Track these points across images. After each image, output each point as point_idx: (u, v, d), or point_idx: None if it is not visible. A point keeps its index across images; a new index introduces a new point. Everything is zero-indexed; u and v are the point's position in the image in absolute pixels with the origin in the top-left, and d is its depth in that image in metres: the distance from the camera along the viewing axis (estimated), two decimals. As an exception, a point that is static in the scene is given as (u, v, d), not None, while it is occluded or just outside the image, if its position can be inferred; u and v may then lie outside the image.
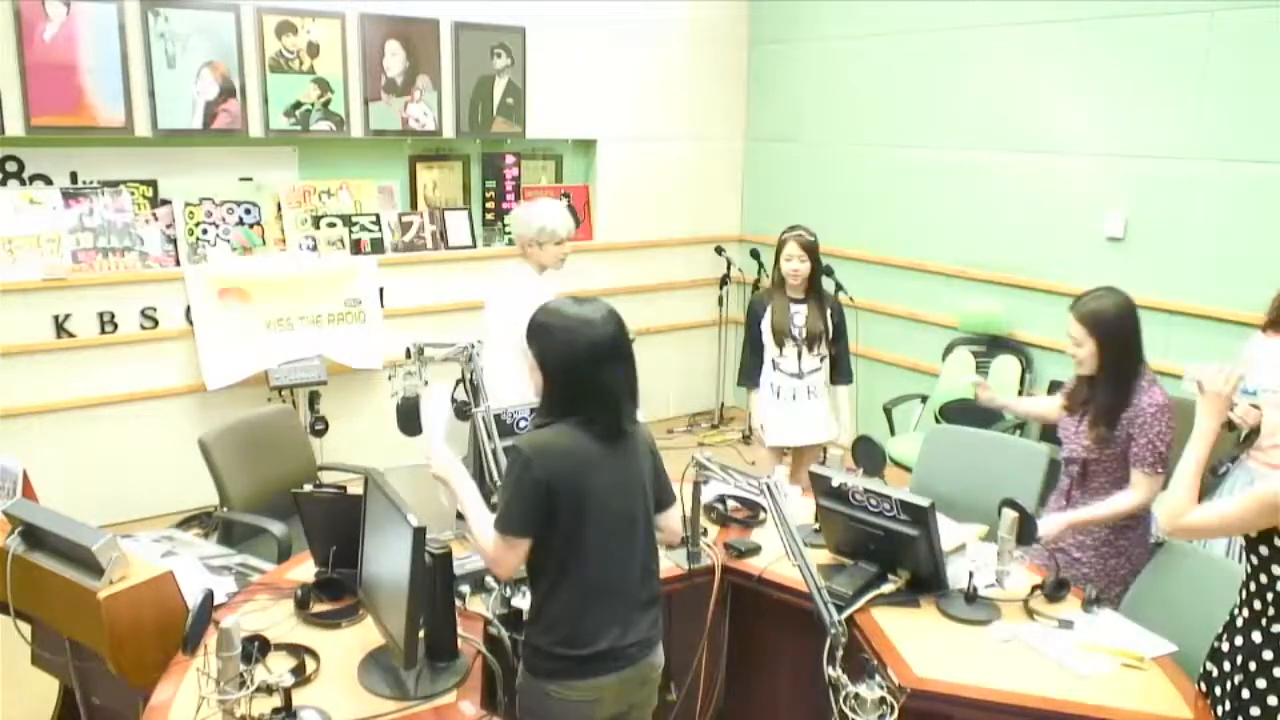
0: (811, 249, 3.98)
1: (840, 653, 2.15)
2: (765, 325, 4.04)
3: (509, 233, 5.84)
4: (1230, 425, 3.25)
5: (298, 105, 4.98)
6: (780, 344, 4.02)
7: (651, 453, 2.34)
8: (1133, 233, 4.56)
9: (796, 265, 3.96)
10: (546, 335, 2.18)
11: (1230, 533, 2.16)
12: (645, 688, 2.36)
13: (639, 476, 2.27)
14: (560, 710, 2.22)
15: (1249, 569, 2.22)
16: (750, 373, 4.16)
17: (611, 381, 2.19)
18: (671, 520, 2.43)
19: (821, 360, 4.08)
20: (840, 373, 4.14)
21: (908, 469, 4.36)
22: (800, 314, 4.02)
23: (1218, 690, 2.27)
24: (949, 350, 5.21)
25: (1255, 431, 3.28)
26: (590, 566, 2.18)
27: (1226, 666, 2.25)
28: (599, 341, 2.15)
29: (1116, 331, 2.99)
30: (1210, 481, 3.43)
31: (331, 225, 5.21)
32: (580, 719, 2.24)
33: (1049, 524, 3.00)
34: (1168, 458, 2.92)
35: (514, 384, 3.76)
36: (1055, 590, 2.69)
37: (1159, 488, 2.92)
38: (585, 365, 2.14)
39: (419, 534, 2.05)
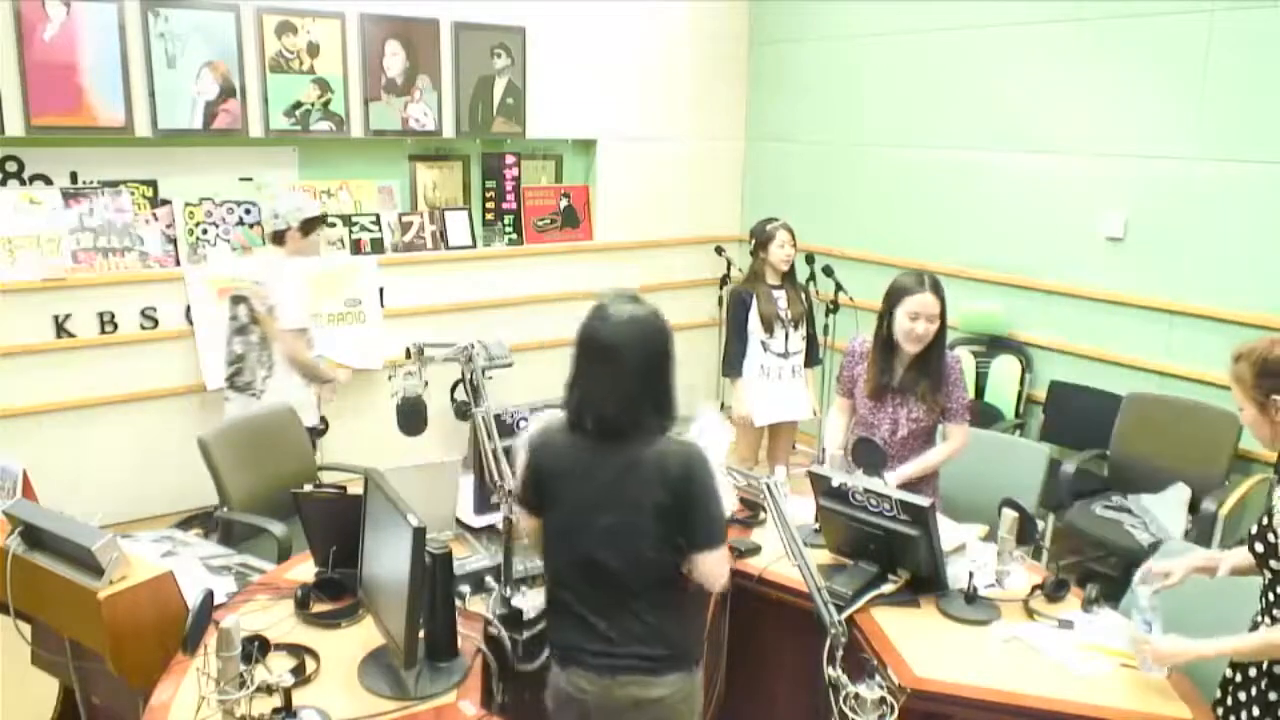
0: (794, 235, 4.45)
1: (840, 653, 2.15)
2: (753, 313, 4.39)
3: (509, 232, 5.85)
4: None
5: (298, 105, 4.98)
6: (769, 328, 4.39)
7: (677, 485, 2.14)
8: (1132, 233, 4.56)
9: (789, 251, 4.42)
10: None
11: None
12: (628, 715, 2.22)
13: (628, 496, 2.15)
14: (553, 713, 2.30)
15: (1266, 578, 2.23)
16: (735, 362, 4.50)
17: (578, 376, 2.20)
18: (700, 565, 2.18)
19: (803, 341, 4.49)
20: (811, 355, 4.57)
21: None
22: (782, 298, 4.44)
23: (1241, 695, 2.27)
24: (949, 350, 5.21)
25: None
26: (553, 560, 2.29)
27: (1252, 673, 2.26)
28: (584, 338, 2.20)
29: (944, 298, 3.25)
30: None
31: (331, 225, 5.20)
32: None
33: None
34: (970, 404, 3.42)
35: None
36: (1055, 590, 2.69)
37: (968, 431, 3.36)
38: (578, 356, 2.21)
39: (419, 534, 2.05)
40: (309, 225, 4.09)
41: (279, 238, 4.08)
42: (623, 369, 2.14)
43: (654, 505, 2.13)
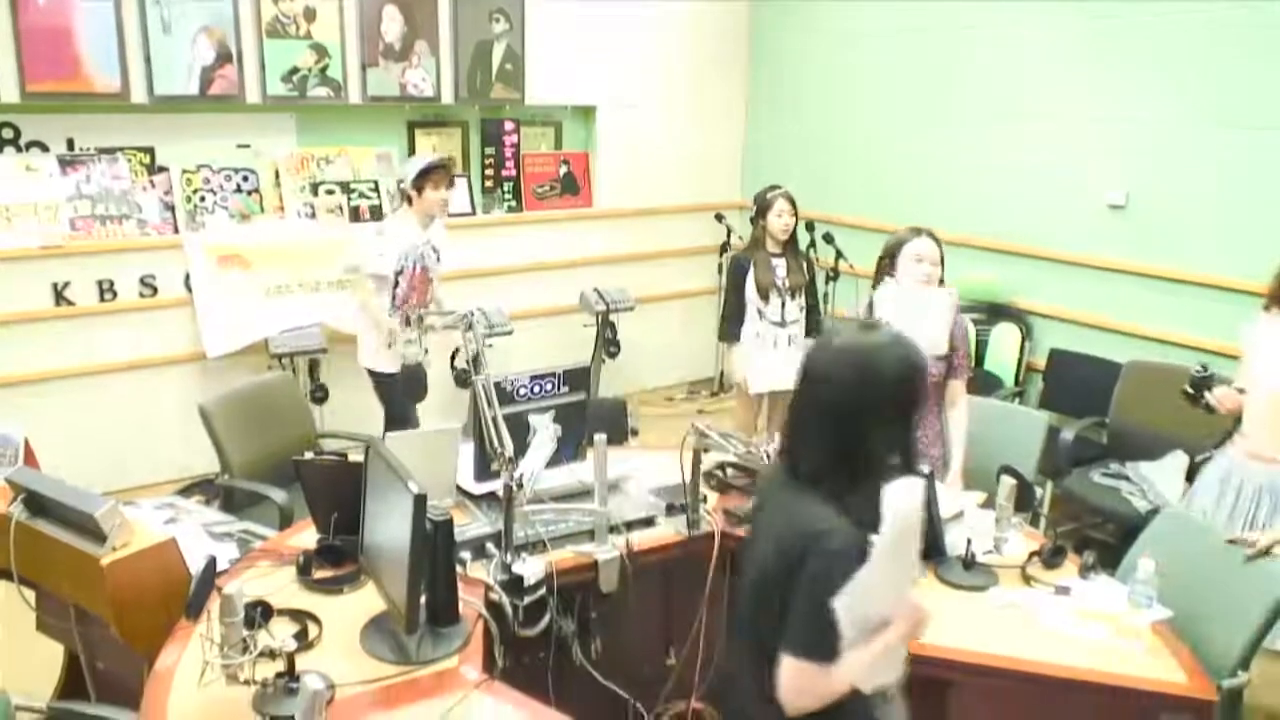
0: (795, 204, 4.38)
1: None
2: (750, 280, 4.36)
3: (508, 199, 5.83)
4: (1208, 408, 3.20)
5: (295, 71, 4.94)
6: (765, 296, 4.36)
7: (787, 565, 1.74)
8: (1134, 200, 4.54)
9: (787, 220, 4.37)
10: None
11: None
12: None
13: (755, 555, 1.87)
14: None
15: None
16: (732, 328, 4.48)
17: (792, 410, 1.88)
18: (778, 669, 1.76)
19: (802, 311, 4.45)
20: (812, 325, 4.51)
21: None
22: (781, 266, 4.39)
23: None
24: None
25: (1237, 420, 3.20)
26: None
27: None
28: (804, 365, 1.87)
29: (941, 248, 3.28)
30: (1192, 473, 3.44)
31: (330, 192, 5.18)
32: None
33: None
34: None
35: None
36: (1052, 557, 2.70)
37: None
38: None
39: (419, 501, 2.05)
40: (419, 183, 4.21)
41: (409, 200, 4.30)
42: (814, 404, 1.81)
43: (760, 566, 1.84)
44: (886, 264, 3.32)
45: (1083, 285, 4.77)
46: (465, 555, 2.58)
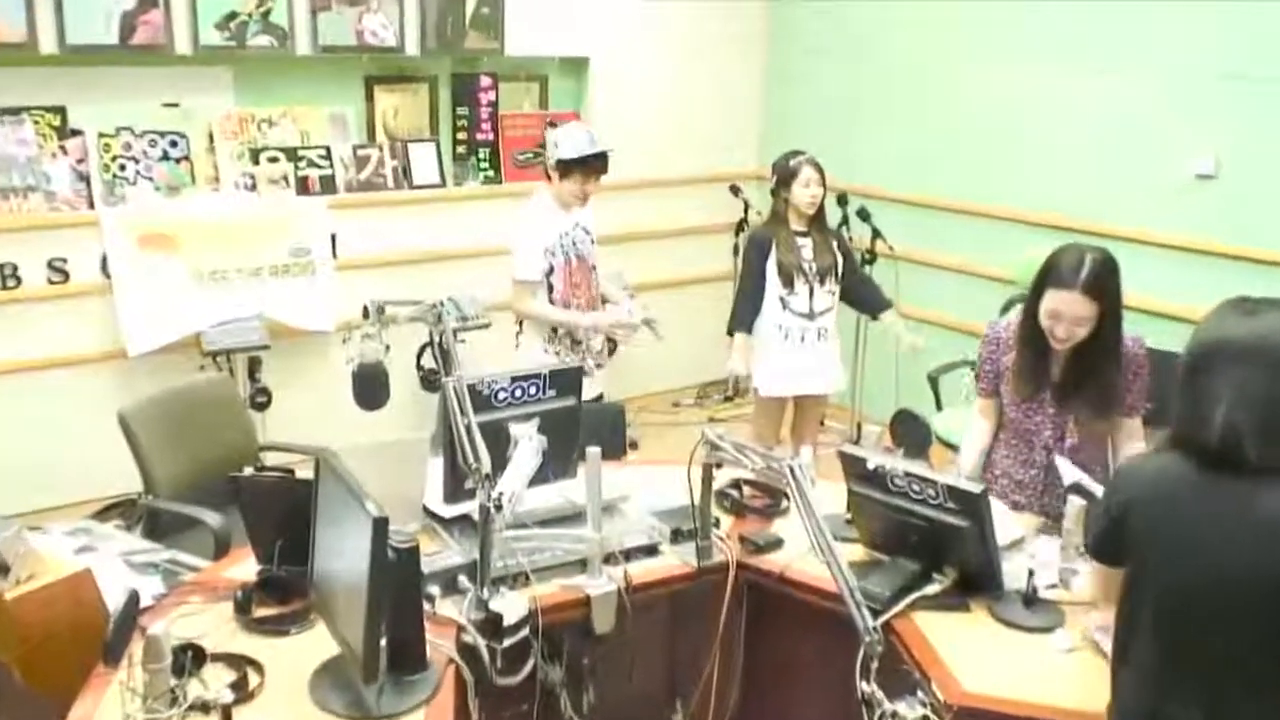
0: (823, 173, 4.32)
1: (876, 664, 2.17)
2: (771, 262, 4.33)
3: (485, 168, 5.83)
4: None
5: (232, 16, 4.93)
6: (790, 282, 4.33)
7: None
8: (1227, 169, 4.54)
9: (816, 190, 4.30)
10: None
11: None
12: None
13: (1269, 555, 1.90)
14: None
15: None
16: (745, 316, 4.43)
17: (1213, 387, 1.98)
18: None
19: (833, 298, 4.41)
20: (877, 301, 4.52)
21: (956, 448, 4.37)
22: (808, 247, 4.36)
23: None
24: (1007, 308, 5.18)
25: None
26: (1142, 644, 2.04)
27: None
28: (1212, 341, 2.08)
29: (1117, 290, 3.06)
30: None
31: (273, 160, 5.19)
32: None
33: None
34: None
35: None
36: (1129, 591, 2.70)
37: None
38: (1187, 368, 2.05)
39: (380, 525, 2.05)
40: (564, 169, 4.13)
41: (548, 176, 4.22)
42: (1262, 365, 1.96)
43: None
44: (1034, 295, 3.13)
45: (1165, 269, 4.77)
46: (434, 590, 2.58)
